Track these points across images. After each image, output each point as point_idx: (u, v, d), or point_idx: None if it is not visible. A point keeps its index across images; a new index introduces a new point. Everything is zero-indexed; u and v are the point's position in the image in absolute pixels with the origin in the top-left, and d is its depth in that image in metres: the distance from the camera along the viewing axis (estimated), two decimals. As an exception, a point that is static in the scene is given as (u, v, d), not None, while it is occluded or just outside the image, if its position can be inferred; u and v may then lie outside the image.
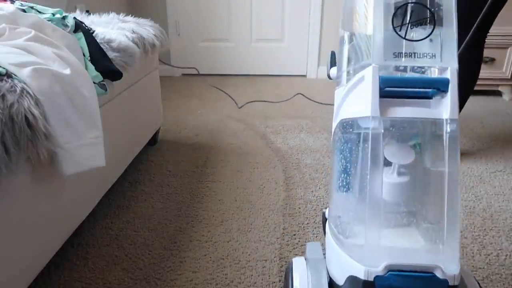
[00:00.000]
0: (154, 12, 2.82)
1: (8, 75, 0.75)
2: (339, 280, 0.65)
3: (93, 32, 1.14)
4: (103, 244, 1.13)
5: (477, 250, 1.11)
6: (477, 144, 1.79)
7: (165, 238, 1.16)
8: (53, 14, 1.08)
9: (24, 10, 1.04)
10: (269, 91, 2.60)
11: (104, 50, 1.12)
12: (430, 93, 0.61)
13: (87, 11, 1.71)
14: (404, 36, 0.59)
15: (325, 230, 0.75)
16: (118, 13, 1.55)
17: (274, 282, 1.00)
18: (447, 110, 0.59)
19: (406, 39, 0.59)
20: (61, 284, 0.99)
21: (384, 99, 0.60)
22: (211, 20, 2.87)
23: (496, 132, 1.92)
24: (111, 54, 1.15)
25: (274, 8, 2.82)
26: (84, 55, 1.04)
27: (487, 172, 1.54)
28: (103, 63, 1.08)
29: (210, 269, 1.04)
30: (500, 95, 2.49)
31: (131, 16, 1.55)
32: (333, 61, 0.82)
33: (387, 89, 0.60)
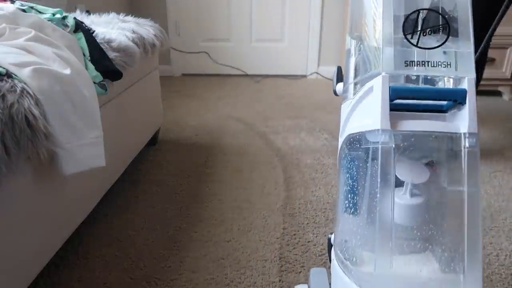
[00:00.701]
0: (154, 12, 2.82)
1: (8, 75, 0.75)
2: None
3: (93, 32, 1.14)
4: (103, 244, 1.13)
5: (477, 250, 1.11)
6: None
7: (165, 238, 1.16)
8: (53, 14, 1.08)
9: (24, 10, 1.04)
10: (269, 91, 2.60)
11: (104, 50, 1.12)
12: (445, 107, 0.55)
13: (87, 11, 1.71)
14: (416, 44, 0.54)
15: (331, 257, 0.69)
16: (118, 13, 1.55)
17: (274, 282, 1.00)
18: (465, 124, 0.53)
19: (419, 47, 0.54)
20: (61, 284, 0.99)
21: (395, 112, 0.54)
22: (211, 20, 2.87)
23: (496, 132, 1.92)
24: (111, 54, 1.15)
25: (274, 8, 2.82)
26: (84, 55, 1.04)
27: (487, 172, 1.54)
28: (103, 63, 1.08)
29: (210, 269, 1.04)
30: (500, 95, 2.49)
31: (131, 16, 1.55)
32: (339, 77, 0.76)
33: (398, 102, 0.55)
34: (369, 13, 0.59)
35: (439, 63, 0.54)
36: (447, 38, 0.54)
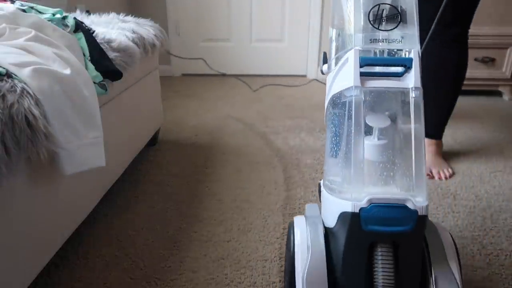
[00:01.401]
0: (154, 12, 2.82)
1: (8, 75, 0.75)
2: (333, 224, 0.79)
3: (93, 32, 1.14)
4: (103, 244, 1.13)
5: (477, 250, 1.11)
6: (477, 144, 1.79)
7: (165, 238, 1.16)
8: (53, 14, 1.08)
9: (24, 10, 1.04)
10: (269, 91, 2.60)
11: (104, 50, 1.12)
12: (400, 74, 0.77)
13: (87, 11, 1.71)
14: (378, 27, 0.77)
15: (320, 194, 0.90)
16: (118, 13, 1.55)
17: (274, 282, 1.00)
18: (412, 81, 0.75)
19: (379, 29, 0.77)
20: (61, 284, 0.99)
21: (364, 77, 0.76)
22: (211, 20, 2.87)
23: (496, 132, 1.93)
24: (111, 54, 1.15)
25: (274, 8, 2.82)
26: (84, 55, 1.04)
27: (487, 172, 1.54)
28: (103, 63, 1.08)
29: (210, 269, 1.04)
30: (500, 95, 2.49)
31: (131, 16, 1.55)
32: (325, 59, 0.97)
33: (366, 71, 0.76)
34: (345, 10, 0.81)
35: (395, 40, 0.77)
36: (399, 24, 0.77)
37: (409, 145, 0.75)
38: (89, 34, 1.10)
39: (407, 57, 0.76)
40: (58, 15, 1.08)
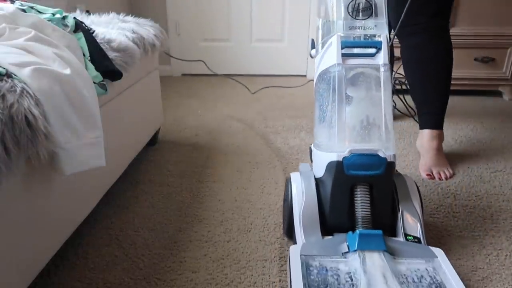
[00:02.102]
0: (154, 12, 2.82)
1: (8, 75, 0.75)
2: (322, 174, 1.01)
3: (93, 32, 1.14)
4: (103, 244, 1.13)
5: (477, 250, 1.11)
6: (477, 144, 1.79)
7: (165, 238, 1.16)
8: (53, 14, 1.08)
9: (24, 10, 1.04)
10: (269, 91, 2.60)
11: (104, 50, 1.12)
12: (373, 54, 1.01)
13: (87, 11, 1.71)
14: (355, 17, 1.01)
15: (311, 156, 1.11)
16: (118, 13, 1.55)
17: (274, 282, 1.00)
18: (381, 59, 0.99)
19: (356, 18, 1.01)
20: (61, 284, 0.99)
21: (345, 57, 1.00)
22: (211, 20, 2.87)
23: (496, 132, 1.93)
24: (111, 54, 1.15)
25: (274, 8, 2.82)
26: (84, 55, 1.04)
27: (487, 172, 1.54)
28: (103, 63, 1.08)
29: (210, 269, 1.04)
30: (500, 95, 2.49)
31: (131, 16, 1.55)
32: (313, 45, 1.16)
33: (347, 52, 1.00)
34: (329, 3, 1.05)
35: (369, 27, 1.01)
36: (371, 14, 1.01)
37: (380, 108, 0.98)
38: (89, 34, 1.10)
39: (378, 40, 1.00)
40: (58, 15, 1.08)
